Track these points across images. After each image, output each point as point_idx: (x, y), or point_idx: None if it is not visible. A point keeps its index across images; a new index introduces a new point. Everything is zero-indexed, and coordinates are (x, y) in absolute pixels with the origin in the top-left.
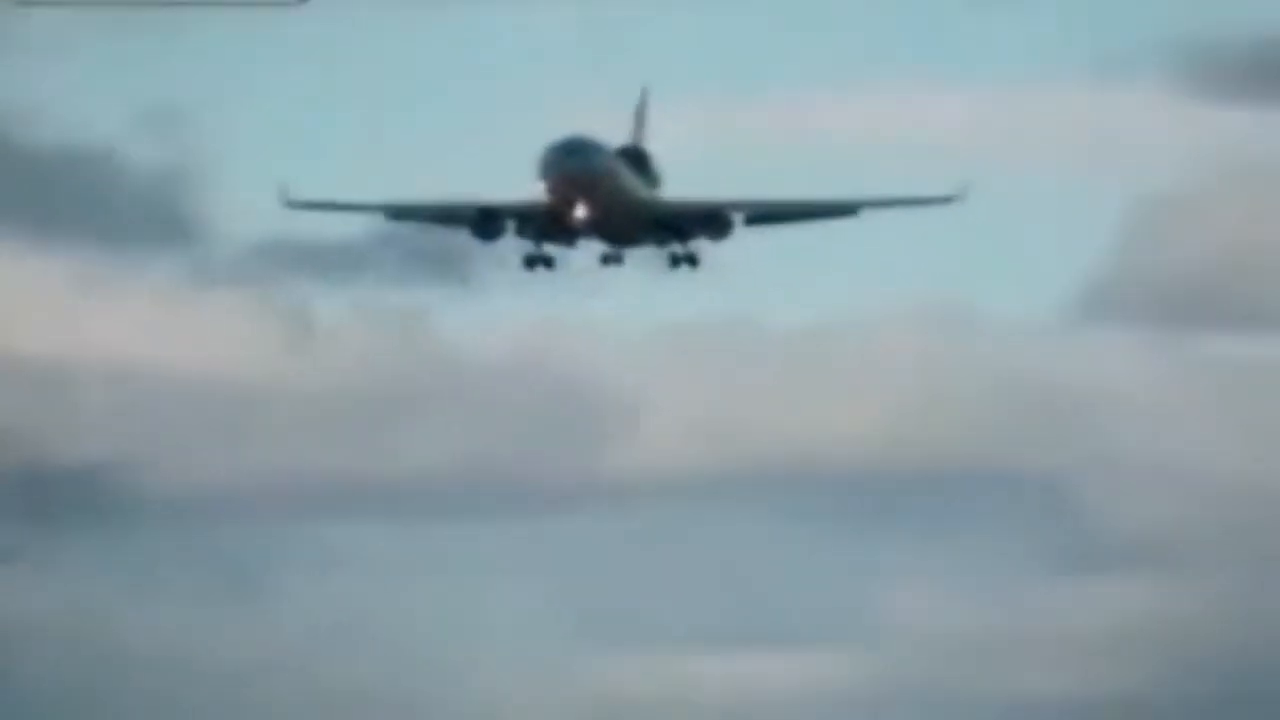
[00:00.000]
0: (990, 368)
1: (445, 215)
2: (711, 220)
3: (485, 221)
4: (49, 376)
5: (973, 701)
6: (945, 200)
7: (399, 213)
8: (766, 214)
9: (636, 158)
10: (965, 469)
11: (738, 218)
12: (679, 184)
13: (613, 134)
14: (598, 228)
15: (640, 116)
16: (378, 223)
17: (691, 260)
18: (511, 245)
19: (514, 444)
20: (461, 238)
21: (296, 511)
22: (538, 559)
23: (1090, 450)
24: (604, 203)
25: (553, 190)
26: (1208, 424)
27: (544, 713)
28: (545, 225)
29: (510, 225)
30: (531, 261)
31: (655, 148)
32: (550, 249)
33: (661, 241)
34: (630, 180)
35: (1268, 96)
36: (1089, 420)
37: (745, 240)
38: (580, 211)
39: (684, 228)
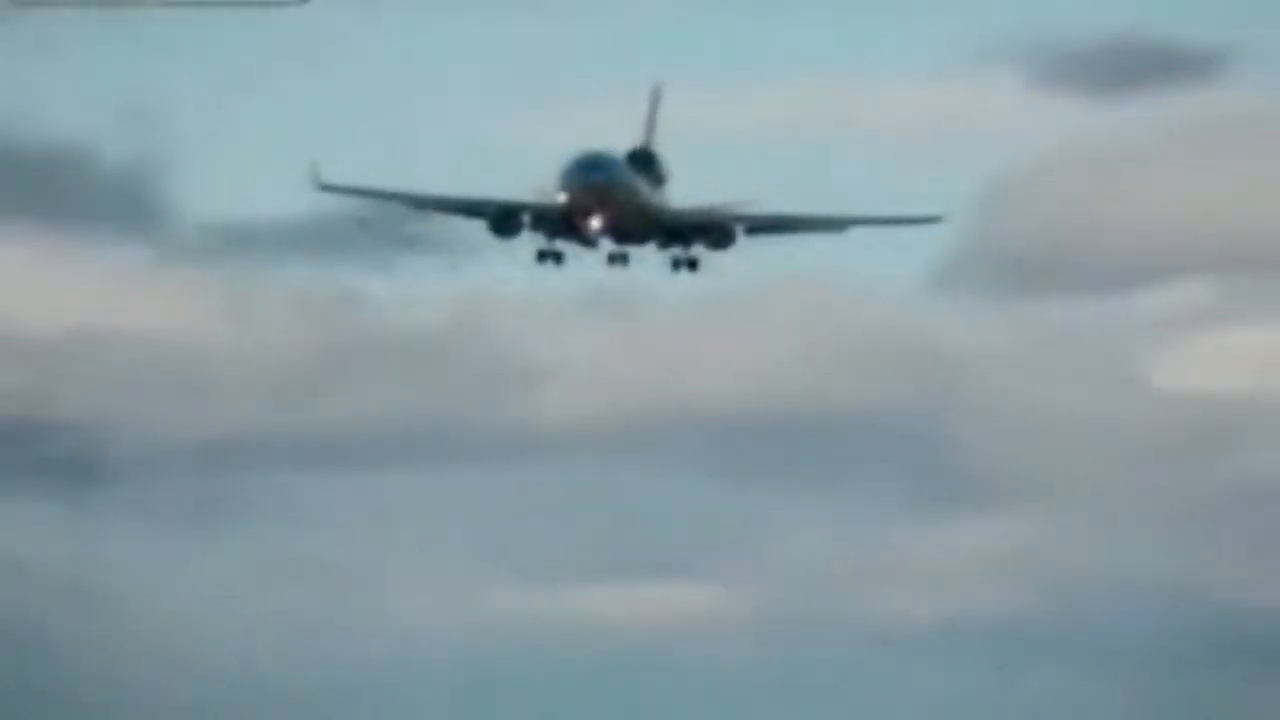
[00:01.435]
0: (864, 328)
1: (467, 209)
2: (716, 231)
3: (504, 218)
4: (27, 346)
5: (851, 628)
6: (932, 220)
7: (423, 203)
8: (766, 226)
9: (645, 160)
10: (841, 419)
11: (739, 228)
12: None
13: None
14: (608, 231)
15: (652, 116)
16: (318, 208)
17: (693, 264)
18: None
19: (434, 404)
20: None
21: (243, 463)
22: (456, 504)
23: (952, 401)
24: (617, 213)
25: (572, 202)
26: (1054, 377)
27: (463, 640)
28: (559, 225)
29: (527, 222)
30: (543, 256)
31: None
32: (561, 245)
33: (665, 244)
34: (642, 190)
35: (1102, 88)
36: (951, 375)
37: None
38: (596, 221)
39: (689, 235)
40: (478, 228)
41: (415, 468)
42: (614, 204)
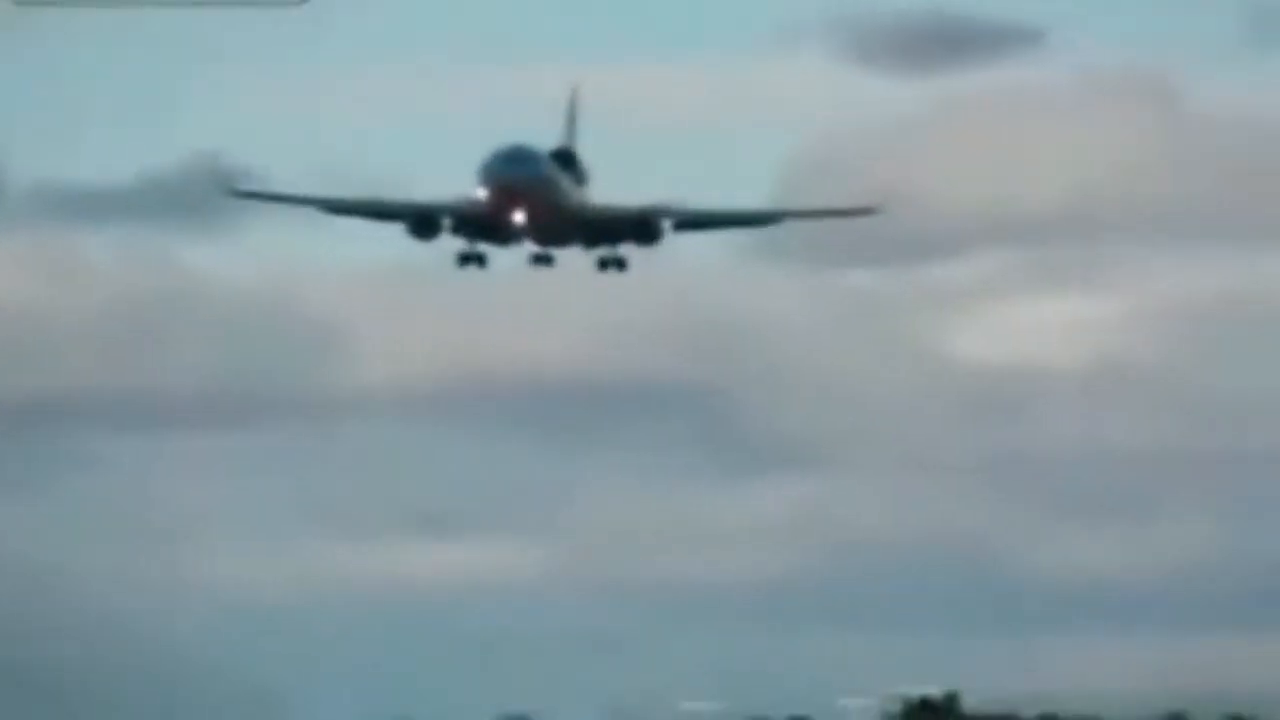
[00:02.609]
0: (668, 297)
1: (383, 212)
2: (643, 227)
3: (422, 222)
4: None
5: (649, 587)
6: (866, 211)
7: (337, 207)
8: (694, 221)
9: (566, 159)
10: (644, 385)
11: (667, 224)
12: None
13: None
14: (528, 232)
15: (571, 116)
16: (146, 174)
17: (620, 264)
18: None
19: (251, 367)
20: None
21: (64, 423)
22: (271, 463)
23: (753, 369)
24: (541, 210)
25: (492, 197)
26: (851, 346)
27: (277, 594)
28: (480, 226)
29: (446, 224)
30: (465, 259)
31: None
32: (483, 248)
33: (591, 244)
34: (566, 187)
35: (909, 64)
36: (753, 343)
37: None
38: (518, 218)
39: (616, 233)
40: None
41: (232, 428)
42: (538, 199)
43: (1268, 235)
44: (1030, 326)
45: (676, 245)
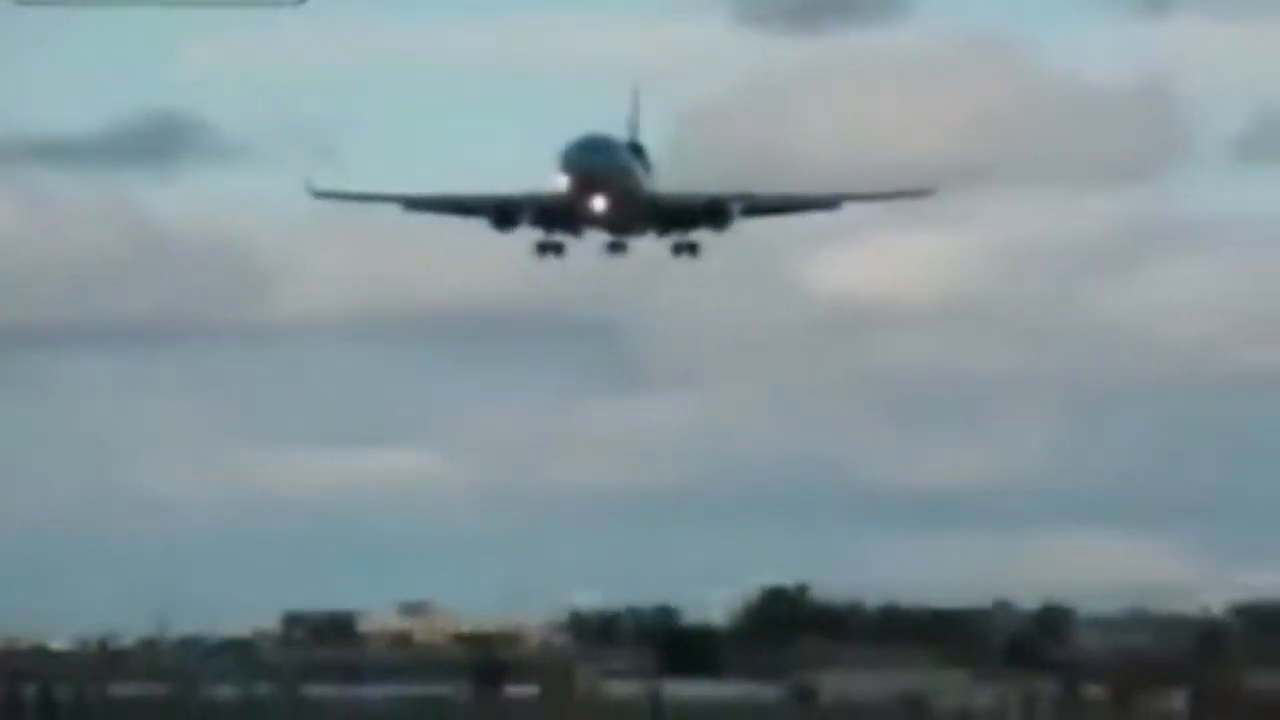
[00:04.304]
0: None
1: (464, 207)
2: (714, 212)
3: (503, 214)
4: None
5: (546, 487)
6: (922, 194)
7: (419, 204)
8: (760, 206)
9: (636, 149)
10: (539, 313)
11: (736, 209)
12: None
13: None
14: (606, 220)
15: (635, 113)
16: (107, 121)
17: (693, 248)
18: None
19: (192, 296)
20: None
21: (31, 345)
22: (207, 382)
23: (639, 301)
24: (619, 196)
25: (573, 184)
26: (724, 281)
27: (211, 502)
28: (557, 216)
29: (525, 216)
30: (543, 249)
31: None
32: (561, 237)
33: (663, 231)
34: (640, 175)
35: (794, 26)
36: (639, 278)
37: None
38: (598, 205)
39: (688, 219)
40: None
41: (173, 351)
42: (616, 185)
43: (1097, 182)
44: (887, 263)
45: None
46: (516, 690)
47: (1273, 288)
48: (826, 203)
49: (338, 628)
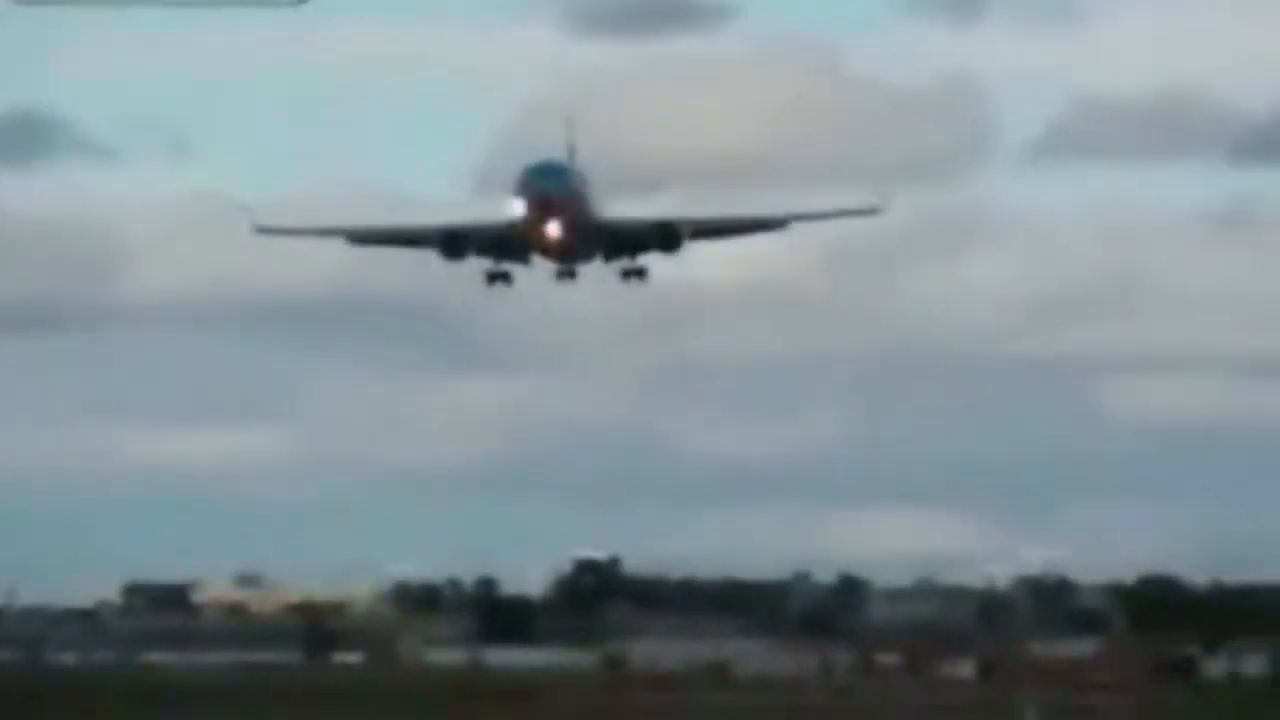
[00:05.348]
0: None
1: (410, 239)
2: (666, 236)
3: (452, 244)
4: None
5: (378, 463)
6: (869, 211)
7: (364, 237)
8: (708, 228)
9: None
10: (381, 299)
11: (685, 231)
12: None
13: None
14: (559, 245)
15: (570, 137)
16: None
17: (641, 273)
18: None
19: (54, 281)
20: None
21: None
22: (56, 361)
23: (472, 288)
24: (573, 220)
25: (530, 208)
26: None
27: (61, 471)
28: (506, 245)
29: (473, 246)
30: (492, 278)
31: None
32: (508, 266)
33: (612, 255)
34: (592, 199)
35: (624, 33)
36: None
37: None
38: (552, 230)
39: (638, 243)
40: None
41: (30, 334)
42: (570, 209)
43: (901, 177)
44: (700, 253)
45: (410, 184)
46: (344, 657)
47: (1060, 280)
48: (774, 224)
49: (175, 598)
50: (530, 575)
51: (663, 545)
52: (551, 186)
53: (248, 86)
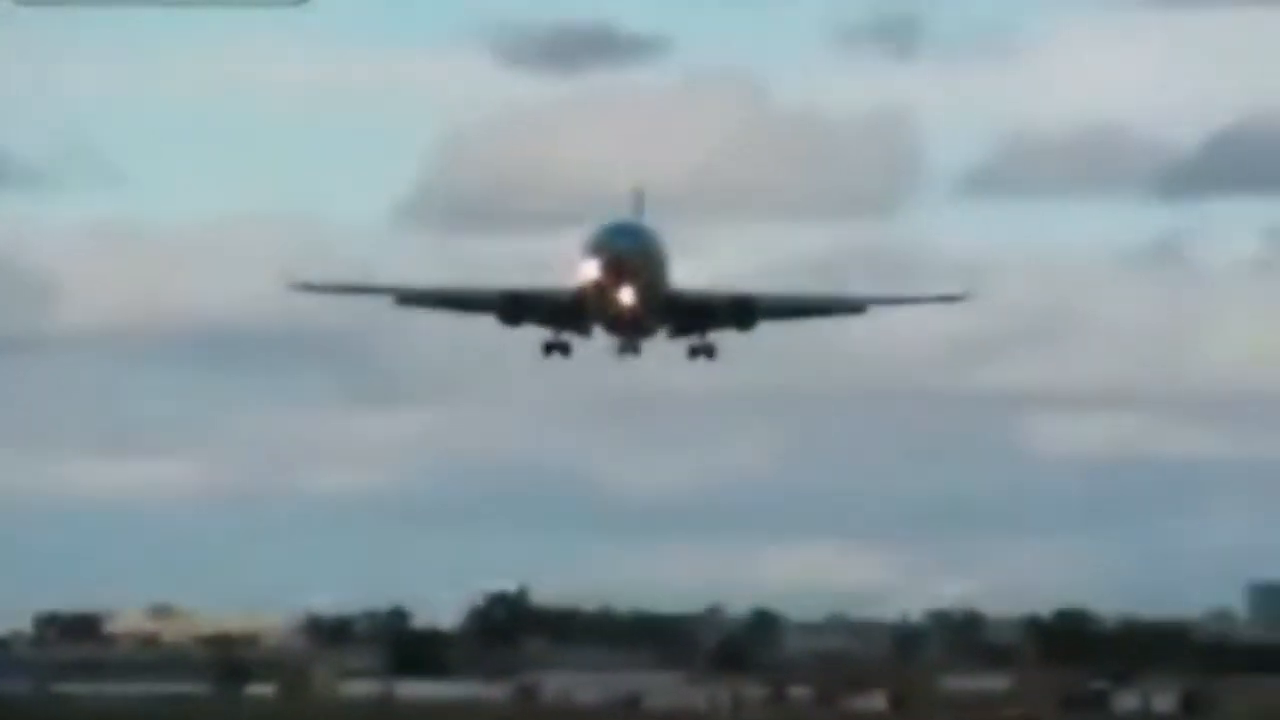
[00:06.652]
0: (330, 258)
1: (466, 302)
2: (742, 310)
3: (513, 308)
4: None
5: (291, 497)
6: (952, 299)
7: (413, 298)
8: (786, 308)
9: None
10: (292, 329)
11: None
12: None
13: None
14: (627, 314)
15: (638, 210)
16: None
17: (709, 351)
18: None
19: None
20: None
21: None
22: None
23: (380, 319)
24: (648, 288)
25: (603, 271)
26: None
27: None
28: (569, 312)
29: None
30: (550, 348)
31: None
32: (567, 336)
33: (677, 331)
34: (667, 267)
35: (553, 65)
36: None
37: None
38: (626, 296)
39: (711, 317)
40: None
41: None
42: (645, 276)
43: (834, 211)
44: None
45: (337, 213)
46: (256, 689)
47: (982, 315)
48: (853, 307)
49: (88, 628)
50: (443, 607)
51: (576, 578)
52: (629, 247)
53: (176, 112)
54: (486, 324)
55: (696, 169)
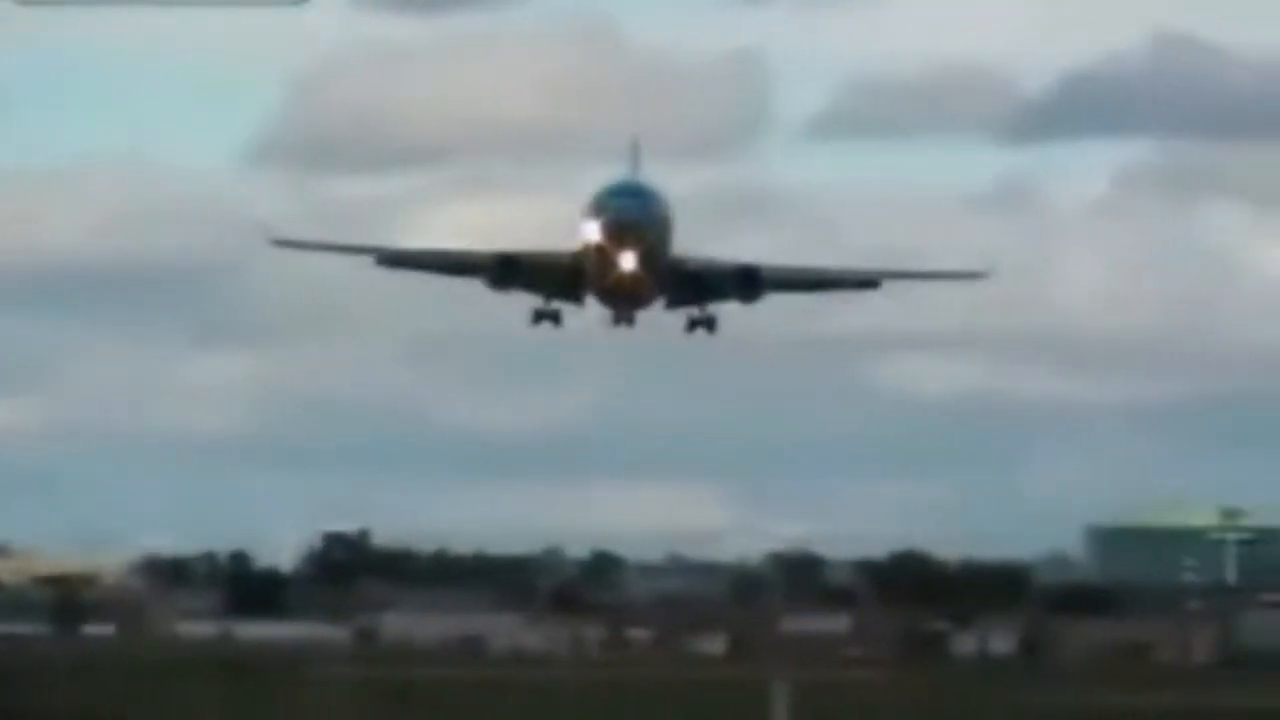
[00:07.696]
0: (183, 198)
1: (455, 265)
2: (748, 281)
3: (506, 271)
4: None
5: (120, 438)
6: (972, 276)
7: (395, 259)
8: (795, 279)
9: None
10: (151, 271)
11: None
12: None
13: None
14: (624, 284)
15: (635, 157)
16: None
17: (710, 324)
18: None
19: None
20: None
21: None
22: None
23: (247, 259)
24: (650, 251)
25: (604, 234)
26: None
27: None
28: (565, 277)
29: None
30: (540, 316)
31: None
32: (559, 304)
33: (676, 301)
34: (671, 233)
35: (416, 10)
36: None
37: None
38: (627, 261)
39: (714, 288)
40: None
41: None
42: (650, 239)
43: (685, 153)
44: (471, 228)
45: (190, 153)
46: (94, 629)
47: (826, 256)
48: (866, 281)
49: None
50: (282, 548)
51: (415, 519)
52: (632, 209)
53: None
54: (330, 264)
55: (548, 112)
